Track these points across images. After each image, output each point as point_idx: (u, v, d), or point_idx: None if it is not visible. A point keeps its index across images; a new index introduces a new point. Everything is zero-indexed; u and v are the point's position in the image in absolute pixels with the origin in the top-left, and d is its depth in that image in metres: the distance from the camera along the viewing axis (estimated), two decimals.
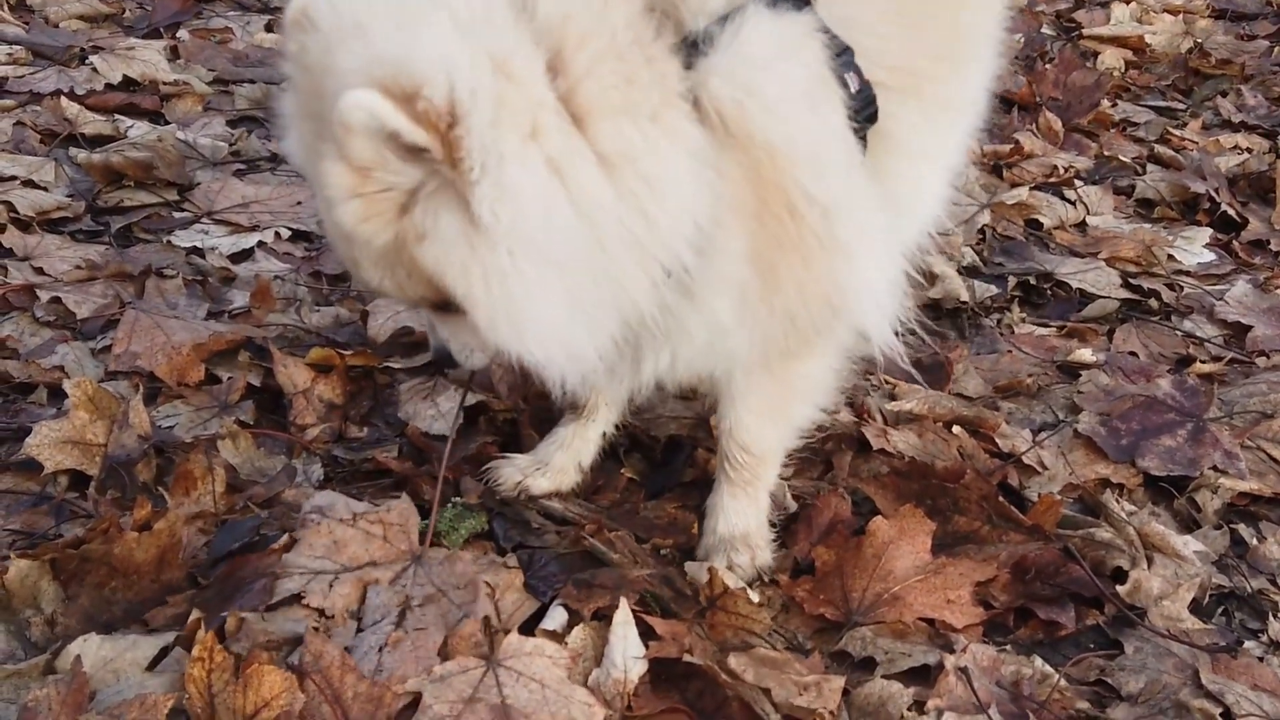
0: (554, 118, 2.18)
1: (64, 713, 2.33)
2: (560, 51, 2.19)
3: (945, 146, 2.95)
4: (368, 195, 2.14)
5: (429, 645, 2.62)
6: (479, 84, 2.07)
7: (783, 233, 2.45)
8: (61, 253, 4.18)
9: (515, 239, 2.17)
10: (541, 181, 2.17)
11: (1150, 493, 3.50)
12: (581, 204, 2.21)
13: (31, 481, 3.13)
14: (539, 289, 2.24)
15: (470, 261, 2.19)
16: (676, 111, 2.31)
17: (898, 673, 2.80)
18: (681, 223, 2.33)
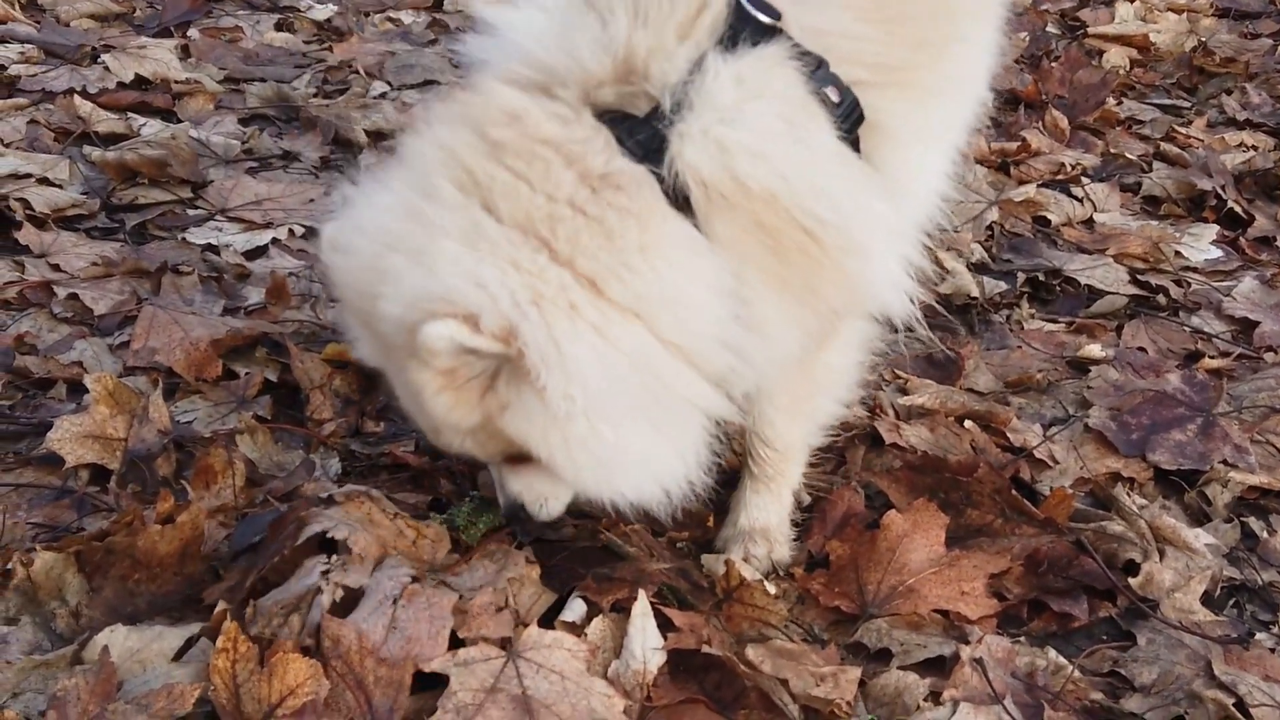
0: (578, 292, 2.38)
1: (93, 702, 2.36)
2: (547, 240, 2.38)
3: (939, 129, 2.96)
4: (454, 389, 2.41)
5: (444, 604, 2.63)
6: (517, 294, 2.33)
7: (805, 260, 2.54)
8: (77, 250, 4.21)
9: (588, 407, 2.39)
10: (595, 349, 2.39)
11: (1161, 487, 3.52)
12: (631, 355, 2.43)
13: (53, 475, 3.16)
14: (619, 441, 2.47)
15: (550, 430, 2.42)
16: (659, 226, 2.45)
17: (913, 664, 2.83)
18: (717, 327, 2.50)
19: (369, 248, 2.44)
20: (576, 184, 2.40)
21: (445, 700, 2.45)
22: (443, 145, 2.48)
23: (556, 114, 2.45)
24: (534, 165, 2.41)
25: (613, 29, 2.47)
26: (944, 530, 3.09)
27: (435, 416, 2.46)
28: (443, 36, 6.81)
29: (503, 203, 2.39)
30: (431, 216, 2.39)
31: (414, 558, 2.82)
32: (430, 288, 2.32)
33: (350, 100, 5.68)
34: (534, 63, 2.52)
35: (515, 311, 2.31)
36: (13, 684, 2.47)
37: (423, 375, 2.37)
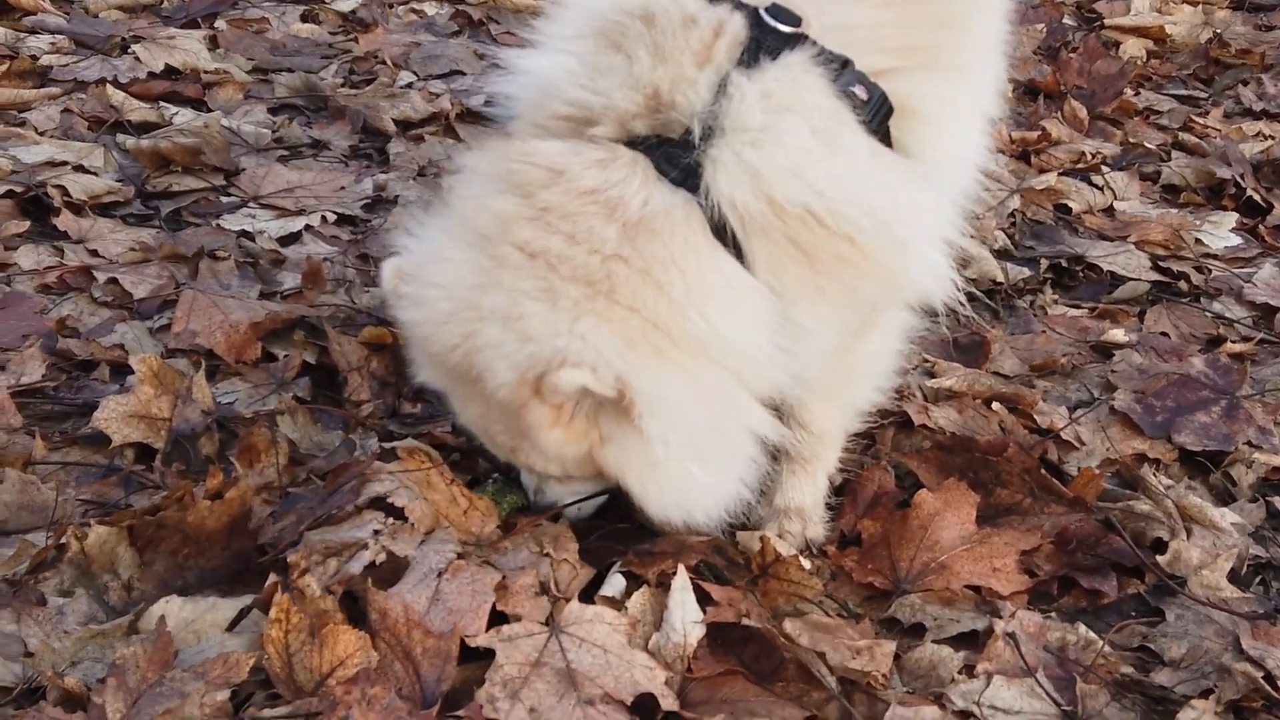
0: (657, 336, 2.55)
1: (151, 670, 2.42)
2: (612, 294, 2.54)
3: (971, 102, 3.01)
4: (564, 425, 2.60)
5: (486, 581, 2.69)
6: (615, 344, 2.51)
7: (843, 267, 2.64)
8: (114, 235, 4.28)
9: (682, 449, 2.60)
10: (686, 390, 2.58)
11: (1186, 467, 3.57)
12: (711, 392, 2.63)
13: (99, 454, 3.22)
14: (702, 477, 2.69)
15: (645, 468, 2.64)
16: (697, 268, 2.58)
17: (947, 638, 2.88)
18: (767, 353, 2.65)
19: (448, 308, 2.59)
20: (619, 239, 2.53)
21: (493, 673, 2.50)
22: (497, 214, 2.60)
23: (595, 160, 2.57)
24: (579, 224, 2.54)
25: (637, 68, 2.57)
26: (974, 509, 3.14)
27: (549, 450, 2.65)
28: (466, 28, 6.86)
29: (562, 266, 2.53)
30: (508, 283, 2.54)
31: (463, 529, 2.89)
32: (540, 350, 2.49)
33: (378, 90, 5.73)
34: (571, 101, 2.64)
35: (620, 361, 2.49)
36: (71, 653, 2.53)
37: (538, 414, 2.55)
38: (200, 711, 2.36)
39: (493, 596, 2.66)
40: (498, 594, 2.68)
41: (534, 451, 2.69)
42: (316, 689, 2.46)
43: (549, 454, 2.68)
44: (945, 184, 2.87)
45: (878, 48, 2.64)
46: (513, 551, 2.86)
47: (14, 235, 4.23)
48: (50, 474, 3.12)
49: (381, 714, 2.30)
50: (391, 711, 2.31)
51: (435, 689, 2.47)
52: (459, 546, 2.79)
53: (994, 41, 3.07)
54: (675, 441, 2.57)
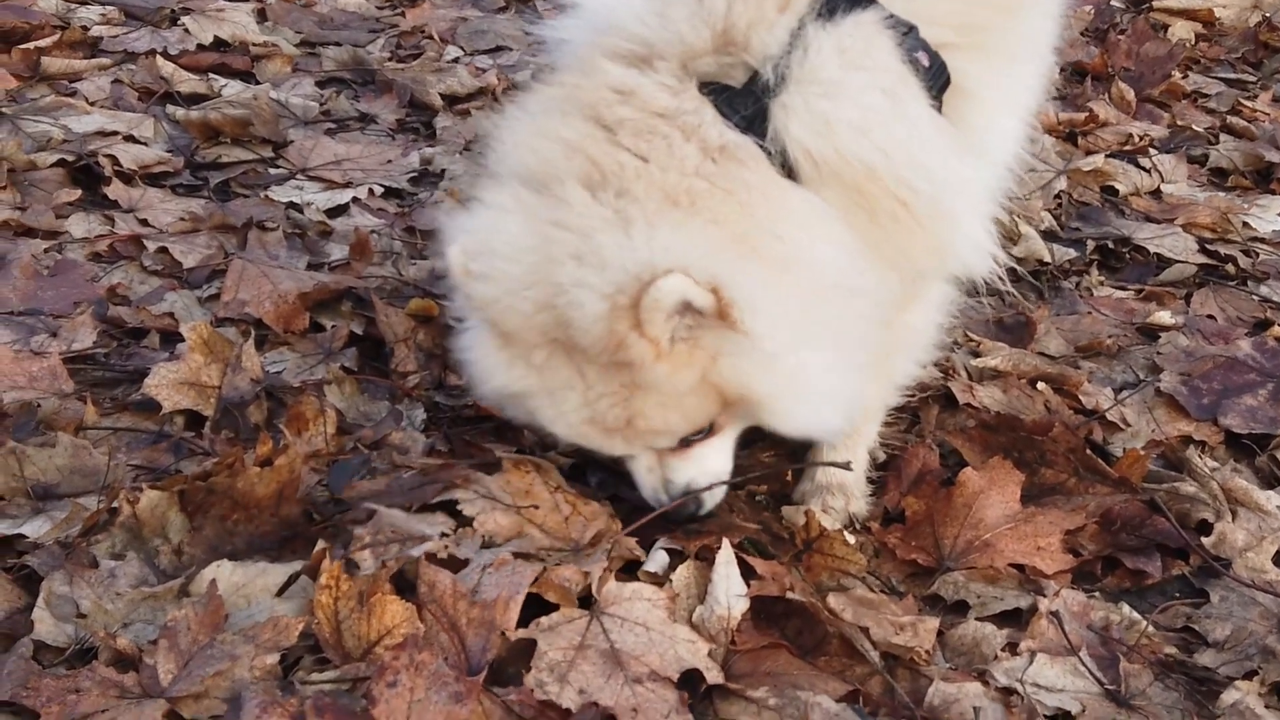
0: (743, 245, 2.50)
1: (202, 632, 2.45)
2: (693, 206, 2.50)
3: (1018, 91, 3.02)
4: (668, 356, 2.47)
5: (525, 574, 2.68)
6: (703, 248, 2.43)
7: (898, 227, 2.64)
8: (164, 205, 4.31)
9: (791, 340, 2.51)
10: (781, 288, 2.51)
11: (1232, 450, 3.56)
12: (807, 290, 2.56)
13: (149, 421, 3.26)
14: (818, 365, 2.58)
15: (764, 368, 2.53)
16: (781, 197, 2.56)
17: (990, 615, 2.88)
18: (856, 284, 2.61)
19: (521, 272, 2.50)
20: (700, 157, 2.50)
21: (538, 660, 2.51)
22: (560, 140, 2.55)
23: (664, 84, 2.54)
24: (655, 142, 2.50)
25: (710, 2, 2.55)
26: (1019, 487, 3.14)
27: (662, 385, 2.52)
28: (513, 4, 6.88)
29: (638, 185, 2.48)
30: (575, 222, 2.48)
31: (559, 535, 2.88)
32: (625, 267, 2.40)
33: (424, 64, 5.76)
34: (632, 36, 2.60)
35: (710, 262, 2.40)
36: (123, 614, 2.56)
37: (640, 349, 2.43)
38: (250, 674, 2.39)
39: (526, 588, 2.63)
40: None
41: (649, 404, 2.57)
42: (364, 655, 2.48)
43: (665, 397, 2.55)
44: (986, 167, 2.88)
45: (938, 21, 2.65)
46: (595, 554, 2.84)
47: (65, 204, 4.27)
48: (101, 439, 3.15)
49: (429, 680, 2.31)
50: (439, 678, 2.32)
51: (481, 658, 2.49)
52: (530, 551, 2.79)
53: (1045, 36, 3.08)
54: (782, 334, 2.49)
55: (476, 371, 2.71)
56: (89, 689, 2.33)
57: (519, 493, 2.93)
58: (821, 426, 2.75)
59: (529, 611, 2.60)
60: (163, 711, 2.29)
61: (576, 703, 2.43)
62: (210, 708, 2.34)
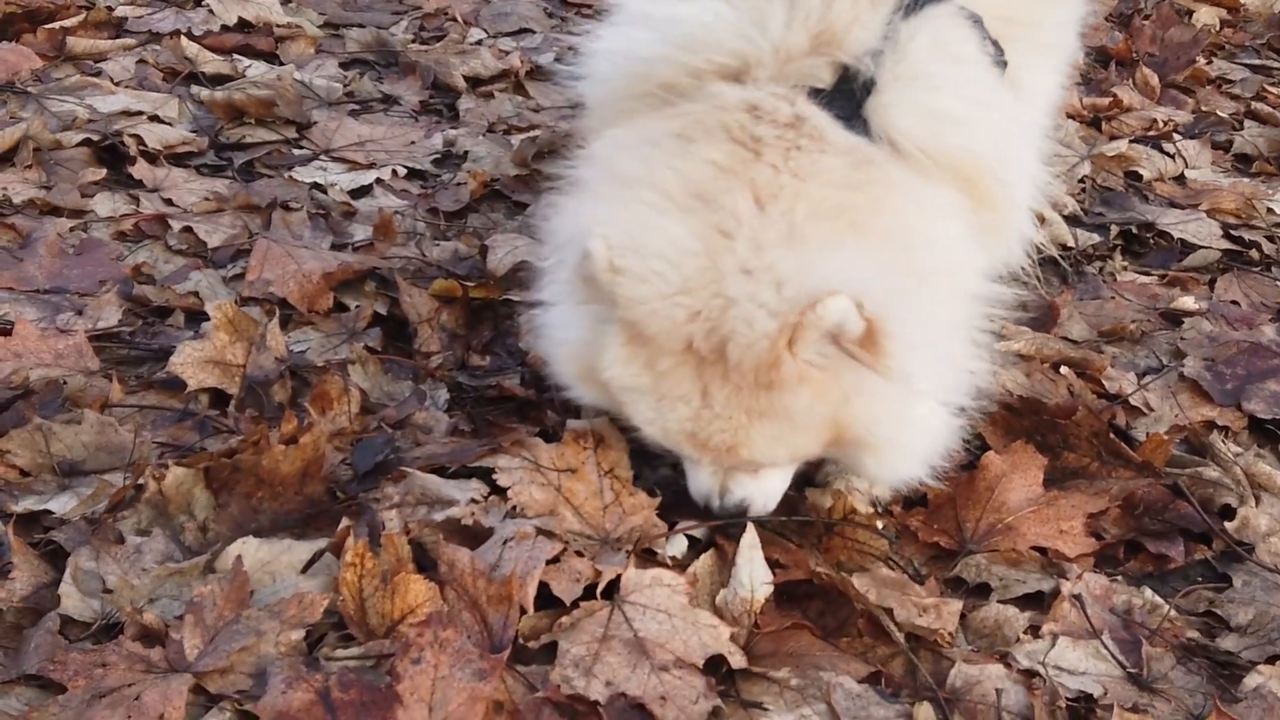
0: (902, 264, 2.52)
1: (227, 607, 2.46)
2: (854, 226, 2.49)
3: (1049, 83, 3.04)
4: (810, 382, 2.45)
5: (545, 550, 2.67)
6: (871, 278, 2.41)
7: (992, 220, 2.70)
8: (189, 185, 4.32)
9: (931, 388, 2.60)
10: (935, 326, 2.59)
11: (1256, 435, 3.55)
12: (949, 322, 2.66)
13: (174, 399, 3.26)
14: (936, 421, 2.68)
15: (889, 412, 2.56)
16: (915, 194, 2.59)
17: (1012, 598, 2.88)
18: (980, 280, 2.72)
19: (680, 279, 2.44)
20: (843, 167, 2.50)
21: (562, 657, 2.51)
22: (708, 162, 2.52)
23: (777, 94, 2.55)
24: (799, 158, 2.50)
25: (805, 5, 2.56)
26: (1042, 471, 3.14)
27: (794, 409, 2.49)
28: None
29: (799, 202, 2.46)
30: (745, 235, 2.45)
31: (592, 522, 2.88)
32: (802, 288, 2.37)
33: (448, 46, 5.75)
34: (728, 49, 2.61)
35: (879, 295, 2.37)
36: (149, 590, 2.58)
37: (789, 370, 2.41)
38: (275, 649, 2.40)
39: (542, 567, 2.63)
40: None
41: (764, 434, 2.53)
42: (388, 633, 2.50)
43: (785, 429, 2.52)
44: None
45: (990, 13, 2.67)
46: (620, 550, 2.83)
47: (91, 183, 4.28)
48: (127, 416, 3.16)
49: (453, 656, 2.33)
50: (463, 654, 2.34)
51: (503, 635, 2.50)
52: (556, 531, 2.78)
53: (1076, 25, 3.11)
54: (922, 378, 2.51)
55: (575, 352, 2.69)
56: (115, 663, 2.35)
57: (566, 465, 2.94)
58: (905, 477, 2.81)
59: (553, 599, 2.62)
60: (188, 686, 2.31)
61: (604, 694, 2.43)
62: (235, 682, 2.36)
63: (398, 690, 2.27)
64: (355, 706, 2.25)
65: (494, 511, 2.79)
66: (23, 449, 2.96)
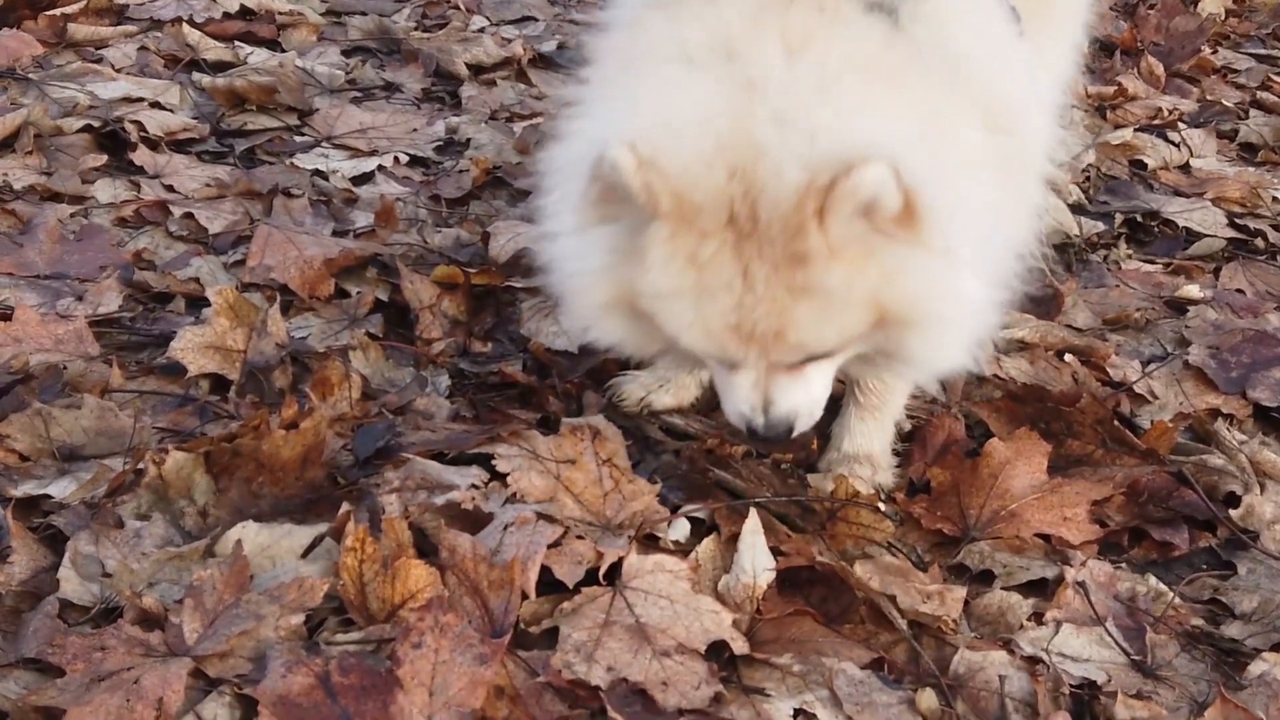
0: (948, 133, 2.45)
1: (227, 591, 2.45)
2: (900, 85, 2.42)
3: (1062, 61, 3.04)
4: (844, 259, 2.29)
5: (546, 534, 2.66)
6: (913, 144, 2.32)
7: (1011, 180, 2.66)
8: (190, 171, 4.32)
9: (970, 264, 2.44)
10: (975, 197, 2.46)
11: (1260, 423, 3.54)
12: (997, 193, 2.55)
13: (174, 384, 3.25)
14: (981, 297, 2.53)
15: (941, 288, 2.41)
16: (956, 94, 2.52)
17: (1015, 585, 2.87)
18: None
19: (708, 141, 2.32)
20: (875, 31, 2.45)
21: (563, 642, 2.50)
22: (736, 9, 2.44)
23: None
24: (832, 13, 2.44)
25: None
26: (1046, 458, 3.12)
27: (831, 288, 2.33)
28: None
29: (833, 55, 2.37)
30: (778, 86, 2.34)
31: (592, 509, 2.88)
32: (835, 143, 2.26)
33: (450, 34, 5.75)
34: None
35: (918, 162, 2.28)
36: (148, 574, 2.57)
37: (815, 242, 2.26)
38: (275, 634, 2.39)
39: (543, 551, 2.61)
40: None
41: (808, 314, 2.37)
42: (389, 617, 2.48)
43: (828, 307, 2.36)
44: None
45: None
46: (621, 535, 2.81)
47: (91, 169, 4.27)
48: (127, 402, 3.15)
49: (454, 641, 2.32)
50: (463, 639, 2.32)
51: (504, 620, 2.49)
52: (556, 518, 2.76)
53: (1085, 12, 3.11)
54: (964, 252, 2.40)
55: (595, 280, 2.54)
56: (114, 647, 2.34)
57: (564, 457, 2.93)
58: (955, 362, 2.67)
59: (554, 585, 2.61)
60: (188, 669, 2.29)
61: (606, 680, 2.42)
62: (235, 666, 2.34)
63: (398, 675, 2.26)
64: (356, 690, 2.24)
65: (494, 497, 2.78)
66: (22, 433, 2.95)
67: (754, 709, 2.45)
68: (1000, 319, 2.74)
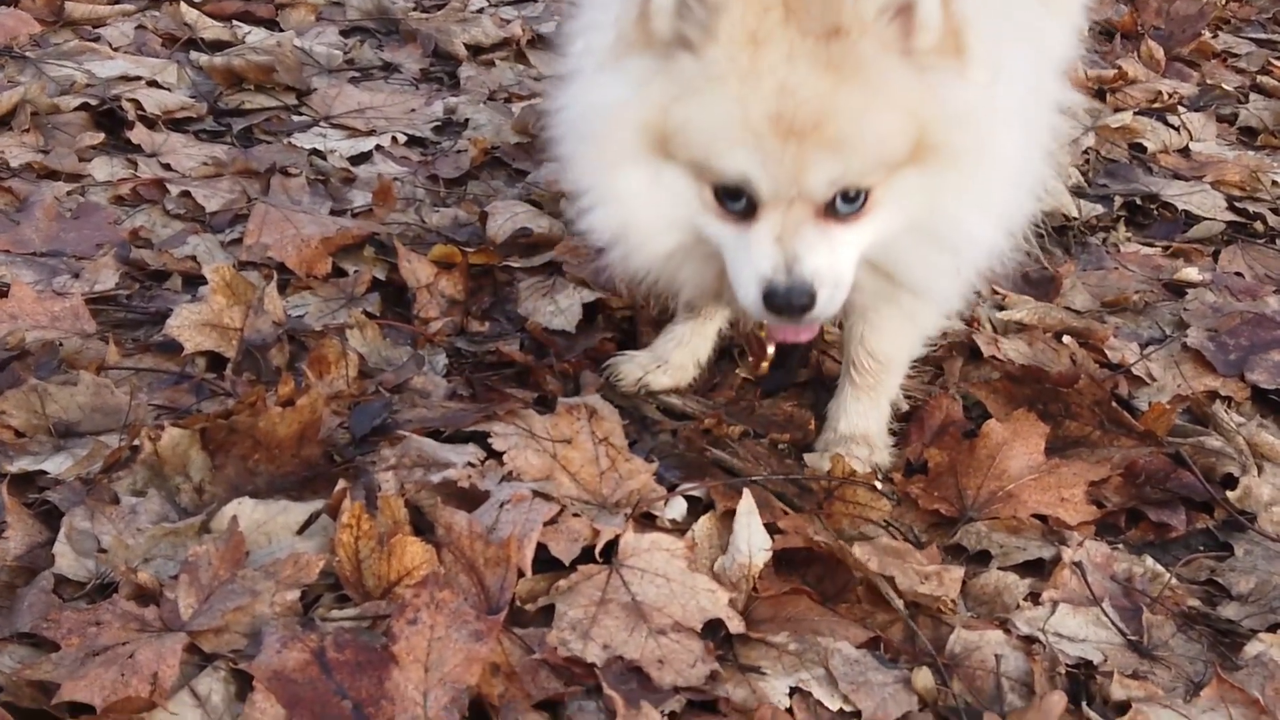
0: None
1: (223, 568, 2.44)
2: None
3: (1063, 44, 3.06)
4: (881, 40, 2.36)
5: (542, 511, 2.66)
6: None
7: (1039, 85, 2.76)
8: (187, 150, 4.32)
9: (1002, 106, 2.47)
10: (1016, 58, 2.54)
11: (1258, 405, 3.53)
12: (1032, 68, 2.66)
13: (171, 362, 3.25)
14: (1016, 149, 2.56)
15: (974, 114, 2.43)
16: None
17: (1012, 565, 2.87)
18: None
19: None
20: None
21: (559, 620, 2.50)
22: None
23: None
24: None
25: None
26: (1044, 439, 3.12)
27: (862, 77, 2.36)
28: None
29: None
30: None
31: (589, 488, 2.88)
32: None
33: (449, 14, 5.75)
34: None
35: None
36: (144, 550, 2.56)
37: (848, 14, 2.33)
38: (270, 610, 2.39)
39: (539, 528, 2.61)
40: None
41: (849, 99, 2.37)
42: (384, 594, 2.48)
43: (866, 94, 2.37)
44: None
45: None
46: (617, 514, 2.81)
47: (89, 147, 4.27)
48: (123, 379, 3.14)
49: (449, 618, 2.31)
50: (459, 616, 2.32)
51: (500, 597, 2.48)
52: (552, 497, 2.75)
53: None
54: (999, 84, 2.44)
55: (625, 110, 2.52)
56: (109, 622, 2.33)
57: (561, 436, 2.93)
58: (978, 240, 2.65)
59: (550, 563, 2.61)
60: (183, 645, 2.28)
61: (601, 657, 2.42)
62: (230, 642, 2.34)
63: (393, 651, 2.26)
64: (351, 666, 2.24)
65: (491, 475, 2.78)
66: (18, 410, 2.94)
67: (750, 687, 2.44)
68: (1008, 250, 2.77)
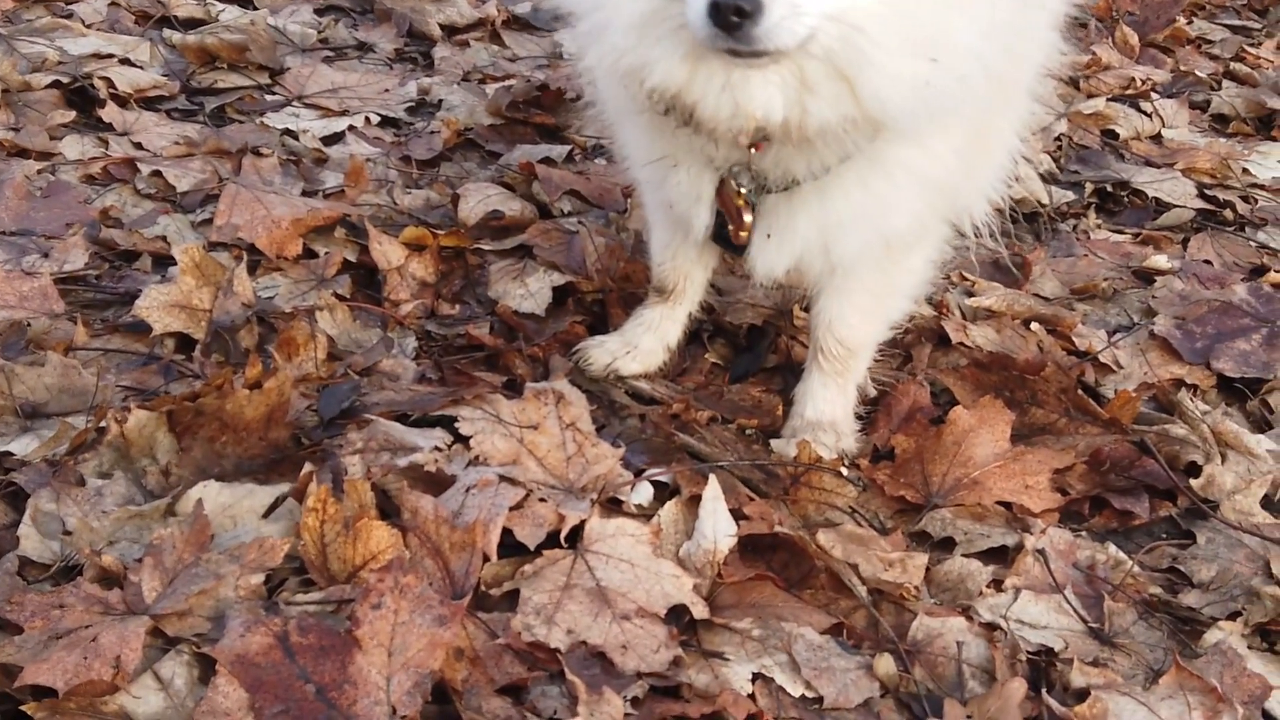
0: None
1: (187, 551, 2.45)
2: None
3: None
4: None
5: (507, 496, 2.67)
6: None
7: None
8: (159, 129, 4.30)
9: None
10: None
11: (1224, 394, 3.57)
12: None
13: (139, 343, 3.24)
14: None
15: None
16: None
17: (976, 552, 2.89)
18: None
19: None
20: None
21: (523, 605, 2.50)
22: None
23: None
24: None
25: None
26: (1009, 426, 3.14)
27: None
28: None
29: None
30: None
31: (555, 473, 2.87)
32: None
33: None
34: None
35: None
36: (108, 533, 2.56)
37: None
38: (235, 593, 2.39)
39: (505, 513, 2.61)
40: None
41: None
42: (349, 578, 2.49)
43: None
44: None
45: None
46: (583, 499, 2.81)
47: (59, 125, 4.24)
48: (91, 360, 3.13)
49: (414, 602, 2.32)
50: (423, 601, 2.32)
51: (464, 582, 2.50)
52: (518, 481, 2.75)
53: None
54: None
55: None
56: (73, 605, 2.33)
57: (528, 421, 2.93)
58: (956, 44, 2.49)
59: (516, 547, 2.61)
60: (146, 628, 2.29)
61: (565, 642, 2.43)
62: (194, 625, 2.34)
63: (357, 635, 2.26)
64: (314, 650, 2.24)
65: (457, 459, 2.78)
66: None
67: (713, 673, 2.46)
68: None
